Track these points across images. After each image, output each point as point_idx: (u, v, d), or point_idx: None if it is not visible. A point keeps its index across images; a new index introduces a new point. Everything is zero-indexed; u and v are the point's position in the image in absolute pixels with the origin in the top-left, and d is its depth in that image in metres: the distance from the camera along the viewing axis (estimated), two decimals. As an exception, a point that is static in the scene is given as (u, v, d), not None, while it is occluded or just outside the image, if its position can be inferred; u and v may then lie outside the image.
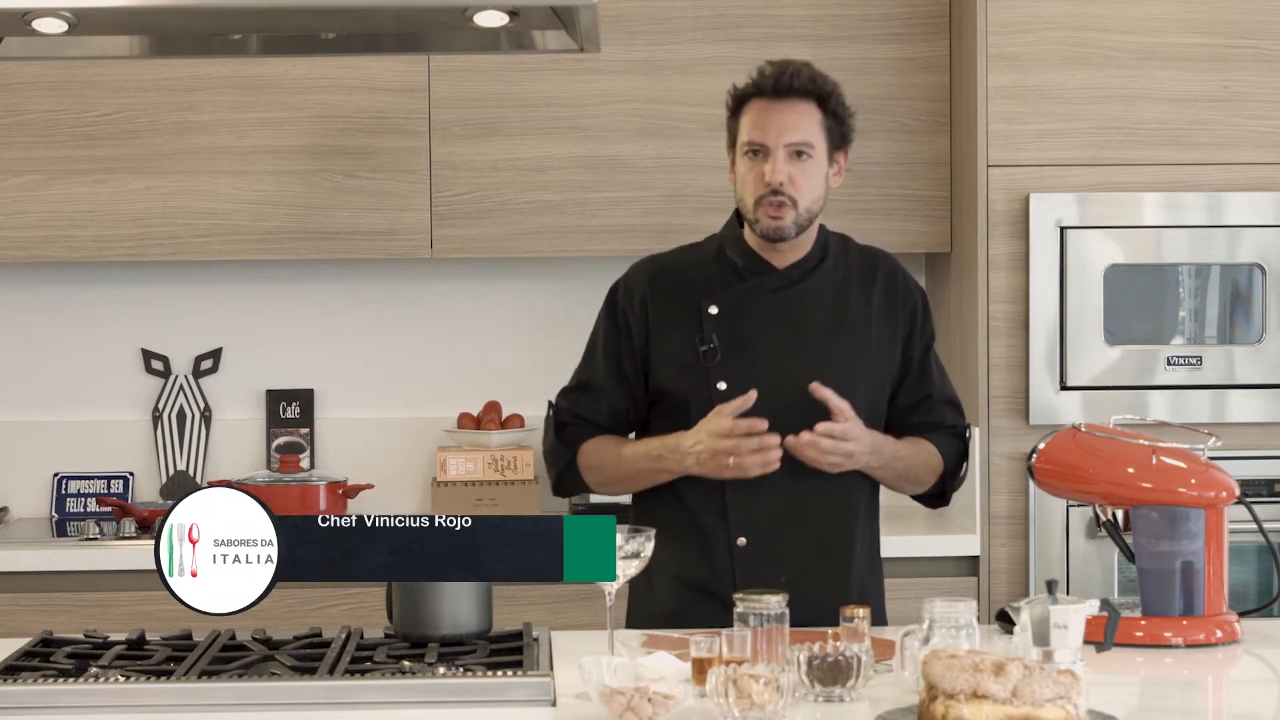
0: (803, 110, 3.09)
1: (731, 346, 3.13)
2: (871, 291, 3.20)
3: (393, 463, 4.54)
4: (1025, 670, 2.28)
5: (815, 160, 3.09)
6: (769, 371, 3.10)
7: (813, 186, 3.10)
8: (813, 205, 3.11)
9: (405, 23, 3.09)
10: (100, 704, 2.52)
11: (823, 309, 3.16)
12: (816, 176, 3.10)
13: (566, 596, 3.91)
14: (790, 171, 3.07)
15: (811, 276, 3.18)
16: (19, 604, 3.94)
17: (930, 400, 3.22)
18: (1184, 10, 4.03)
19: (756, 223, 3.11)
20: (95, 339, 4.56)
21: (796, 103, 3.09)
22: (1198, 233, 4.03)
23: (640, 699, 2.39)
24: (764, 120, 3.09)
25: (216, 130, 4.22)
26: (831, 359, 3.13)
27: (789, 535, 3.11)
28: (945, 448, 3.22)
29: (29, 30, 2.90)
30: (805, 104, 3.09)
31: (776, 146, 3.07)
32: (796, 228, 3.10)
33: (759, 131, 3.08)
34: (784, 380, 3.09)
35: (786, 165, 3.07)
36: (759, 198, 3.08)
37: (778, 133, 3.07)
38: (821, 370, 3.10)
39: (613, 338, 3.22)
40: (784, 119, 3.08)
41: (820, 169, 3.11)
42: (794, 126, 3.08)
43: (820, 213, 3.16)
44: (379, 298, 4.58)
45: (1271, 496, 4.00)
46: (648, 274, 3.23)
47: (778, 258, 3.17)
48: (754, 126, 3.09)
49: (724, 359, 3.12)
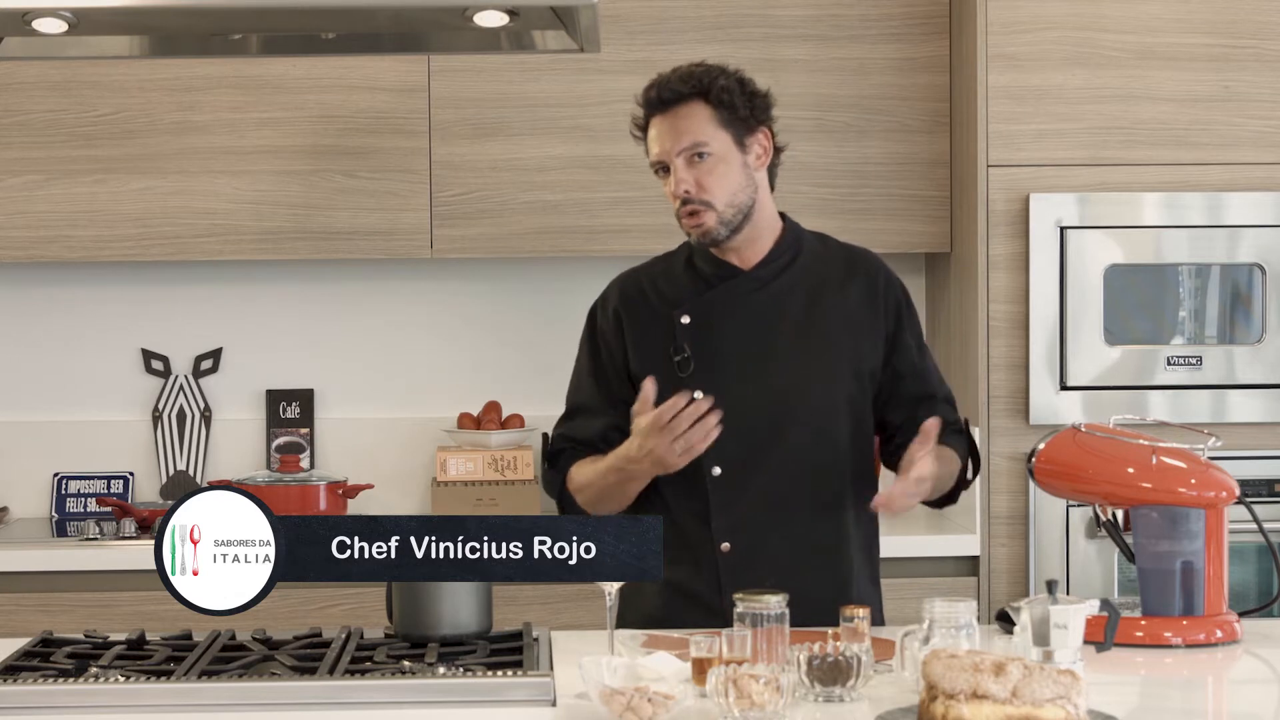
0: (687, 113, 3.07)
1: (704, 354, 3.12)
2: (850, 289, 3.16)
3: (393, 463, 4.54)
4: (1025, 670, 2.28)
5: (717, 155, 3.06)
6: (743, 376, 3.09)
7: (724, 183, 3.06)
8: (734, 199, 3.07)
9: (405, 23, 3.09)
10: (100, 704, 2.52)
11: (795, 309, 3.14)
12: (724, 171, 3.06)
13: (566, 596, 3.91)
14: (693, 177, 3.06)
15: (782, 276, 3.15)
16: (19, 604, 3.94)
17: (935, 399, 3.20)
18: (1184, 10, 4.03)
19: (688, 234, 3.12)
20: (95, 339, 4.56)
21: (680, 108, 3.07)
22: (1198, 233, 4.03)
23: (640, 699, 2.39)
24: (658, 135, 3.10)
25: (216, 130, 4.22)
26: (806, 360, 3.11)
27: (774, 539, 3.09)
28: (959, 448, 3.20)
29: (29, 30, 2.90)
30: (689, 105, 3.07)
31: (671, 157, 3.07)
32: (726, 227, 3.08)
33: (655, 147, 3.10)
34: (759, 383, 3.08)
35: (688, 172, 3.05)
36: (677, 210, 3.09)
37: (666, 145, 3.08)
38: (797, 371, 3.09)
39: (595, 359, 3.22)
40: (672, 126, 3.07)
41: (727, 163, 3.07)
42: (680, 131, 3.06)
43: (752, 202, 3.10)
44: (379, 298, 4.58)
45: (1271, 496, 4.00)
46: (619, 289, 3.23)
47: (738, 258, 3.15)
48: (652, 143, 3.11)
49: (697, 367, 3.11)
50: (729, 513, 3.09)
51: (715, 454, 3.05)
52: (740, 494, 3.09)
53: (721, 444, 3.04)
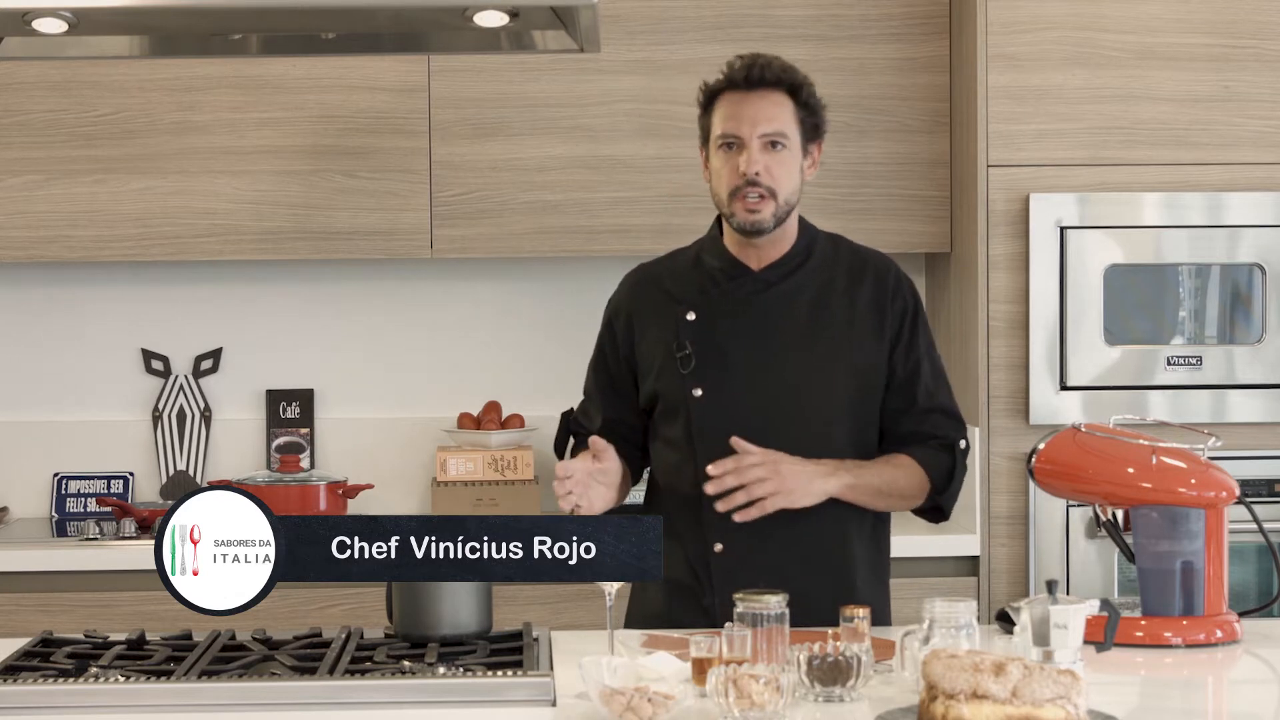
0: (776, 101, 3.07)
1: (707, 352, 3.11)
2: (858, 291, 3.15)
3: (393, 463, 4.54)
4: (1025, 670, 2.28)
5: (790, 151, 3.07)
6: (744, 376, 3.09)
7: (789, 177, 3.07)
8: (790, 197, 3.08)
9: (405, 23, 3.09)
10: (100, 704, 2.52)
11: (801, 311, 3.13)
12: (792, 167, 3.07)
13: (566, 596, 3.91)
14: (766, 162, 3.04)
15: (791, 278, 3.14)
16: (19, 604, 3.94)
17: (917, 408, 3.14)
18: (1184, 10, 4.03)
19: (732, 216, 3.08)
20: (95, 339, 4.56)
21: (769, 93, 3.07)
22: (1198, 233, 4.03)
23: (640, 699, 2.39)
24: (737, 111, 3.06)
25: (216, 130, 4.22)
26: (808, 362, 3.10)
27: (768, 541, 3.06)
28: (932, 463, 3.13)
29: (29, 30, 2.90)
30: (778, 94, 3.07)
31: (751, 137, 3.04)
32: (775, 220, 3.07)
33: (733, 123, 3.06)
34: (760, 384, 3.08)
35: (762, 156, 3.04)
36: (735, 189, 3.05)
37: (751, 123, 3.05)
38: (798, 373, 3.09)
39: (603, 351, 3.24)
40: (757, 109, 3.06)
41: (795, 160, 3.08)
42: (768, 117, 3.05)
43: (797, 205, 3.12)
44: (379, 298, 4.58)
45: (1271, 496, 4.00)
46: (630, 284, 3.25)
47: (755, 257, 3.14)
48: (728, 119, 3.06)
49: (699, 365, 3.11)
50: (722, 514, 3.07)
51: (710, 453, 3.05)
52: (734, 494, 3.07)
53: (717, 443, 3.03)
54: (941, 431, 3.15)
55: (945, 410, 3.18)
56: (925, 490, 3.14)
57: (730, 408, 3.05)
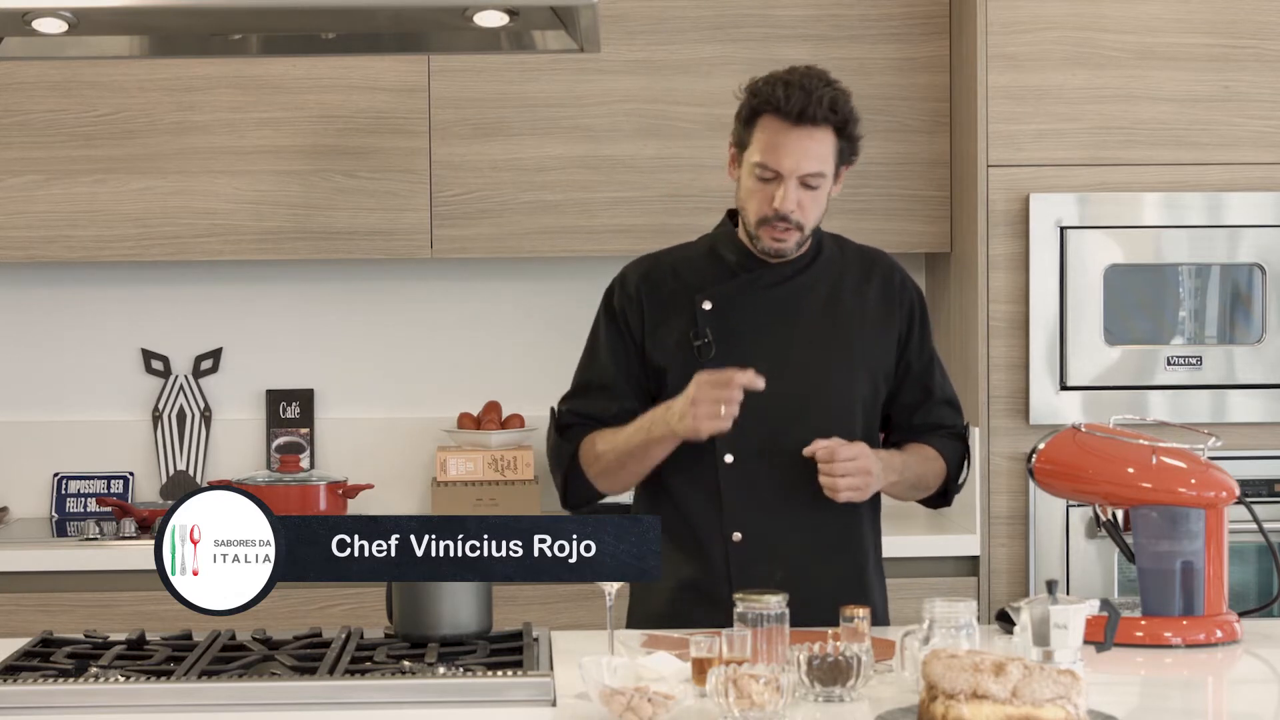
0: (820, 139, 3.03)
1: (725, 341, 3.12)
2: (867, 289, 3.19)
3: (393, 463, 4.54)
4: (1025, 670, 2.28)
5: (824, 185, 3.07)
6: (762, 366, 3.09)
7: (818, 208, 3.09)
8: (816, 223, 3.12)
9: (405, 23, 3.09)
10: (100, 704, 2.52)
11: (816, 304, 3.16)
12: (822, 199, 3.09)
13: (566, 596, 3.91)
14: (800, 198, 3.04)
15: (805, 273, 3.17)
16: (19, 604, 3.94)
17: (932, 400, 3.22)
18: (1184, 10, 4.03)
19: (758, 239, 3.10)
20: (95, 339, 4.56)
21: (815, 131, 3.02)
22: (1198, 233, 4.03)
23: (640, 699, 2.39)
24: (780, 144, 3.02)
25: (216, 130, 4.22)
26: (824, 354, 3.13)
27: (786, 530, 3.09)
28: (947, 450, 3.22)
29: (29, 30, 2.90)
30: (824, 132, 3.03)
31: (791, 175, 3.02)
32: (798, 246, 3.12)
33: (773, 156, 3.02)
34: (777, 374, 3.08)
35: (797, 193, 3.04)
36: (764, 219, 3.06)
37: (794, 163, 3.02)
38: (814, 364, 3.11)
39: (615, 337, 3.20)
40: (802, 148, 3.02)
41: (826, 191, 3.09)
42: (811, 156, 3.02)
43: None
44: (379, 298, 4.58)
45: (1271, 496, 4.00)
46: (641, 272, 3.22)
47: None
48: (769, 149, 3.02)
49: (718, 354, 3.11)
50: (741, 502, 3.10)
51: (728, 441, 3.06)
52: (752, 483, 3.09)
53: (736, 431, 3.04)
54: (950, 421, 3.24)
55: (952, 402, 3.27)
56: (942, 478, 3.22)
57: (749, 397, 3.05)
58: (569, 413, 3.22)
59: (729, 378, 2.96)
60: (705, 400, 2.96)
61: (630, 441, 3.11)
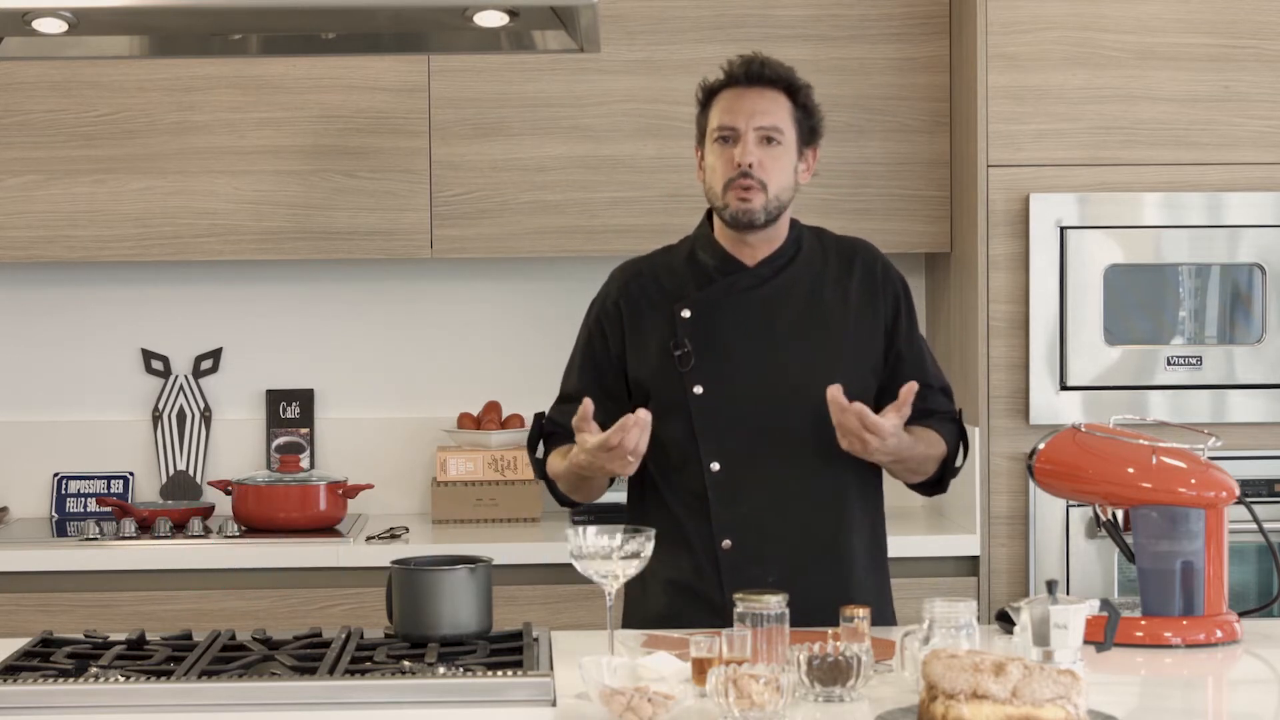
0: (773, 98, 3.12)
1: (705, 349, 3.12)
2: (849, 282, 3.19)
3: (393, 463, 4.54)
4: (1025, 670, 2.28)
5: (785, 148, 3.11)
6: (744, 371, 3.10)
7: (782, 173, 3.11)
8: (781, 193, 3.11)
9: (405, 23, 3.09)
10: (100, 704, 2.52)
11: (797, 304, 3.16)
12: (785, 164, 3.11)
13: (566, 596, 3.91)
14: (760, 156, 3.08)
15: (784, 272, 3.17)
16: (19, 604, 3.94)
17: (928, 388, 3.20)
18: (1184, 10, 4.03)
19: (725, 208, 3.11)
20: (95, 339, 4.56)
21: (767, 90, 3.12)
22: (1198, 233, 4.03)
23: (640, 699, 2.39)
24: (735, 105, 3.12)
25: (216, 130, 4.23)
26: (808, 354, 3.13)
27: (776, 535, 3.09)
28: (945, 433, 3.21)
29: (29, 30, 2.90)
30: (775, 92, 3.13)
31: (747, 130, 3.09)
32: (765, 214, 3.10)
33: (729, 115, 3.11)
34: (760, 378, 3.09)
35: (757, 149, 3.09)
36: (728, 180, 3.09)
37: (748, 116, 3.10)
38: (799, 366, 3.10)
39: (591, 348, 3.23)
40: (754, 104, 3.11)
41: (789, 158, 3.12)
42: (764, 110, 3.10)
43: (789, 204, 3.15)
44: (379, 298, 4.58)
45: (1271, 496, 4.00)
46: (621, 281, 3.24)
47: (749, 254, 3.17)
48: (724, 112, 3.12)
49: (698, 362, 3.11)
50: (729, 509, 3.09)
51: (714, 450, 3.06)
52: (740, 490, 3.09)
53: (721, 439, 3.05)
54: (945, 407, 3.24)
55: (945, 389, 3.27)
56: (940, 461, 3.21)
57: (732, 403, 3.05)
58: (549, 420, 3.26)
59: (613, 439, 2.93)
60: (612, 459, 2.96)
61: (570, 475, 3.14)
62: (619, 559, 2.70)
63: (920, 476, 3.21)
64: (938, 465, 3.21)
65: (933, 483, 3.25)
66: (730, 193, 3.09)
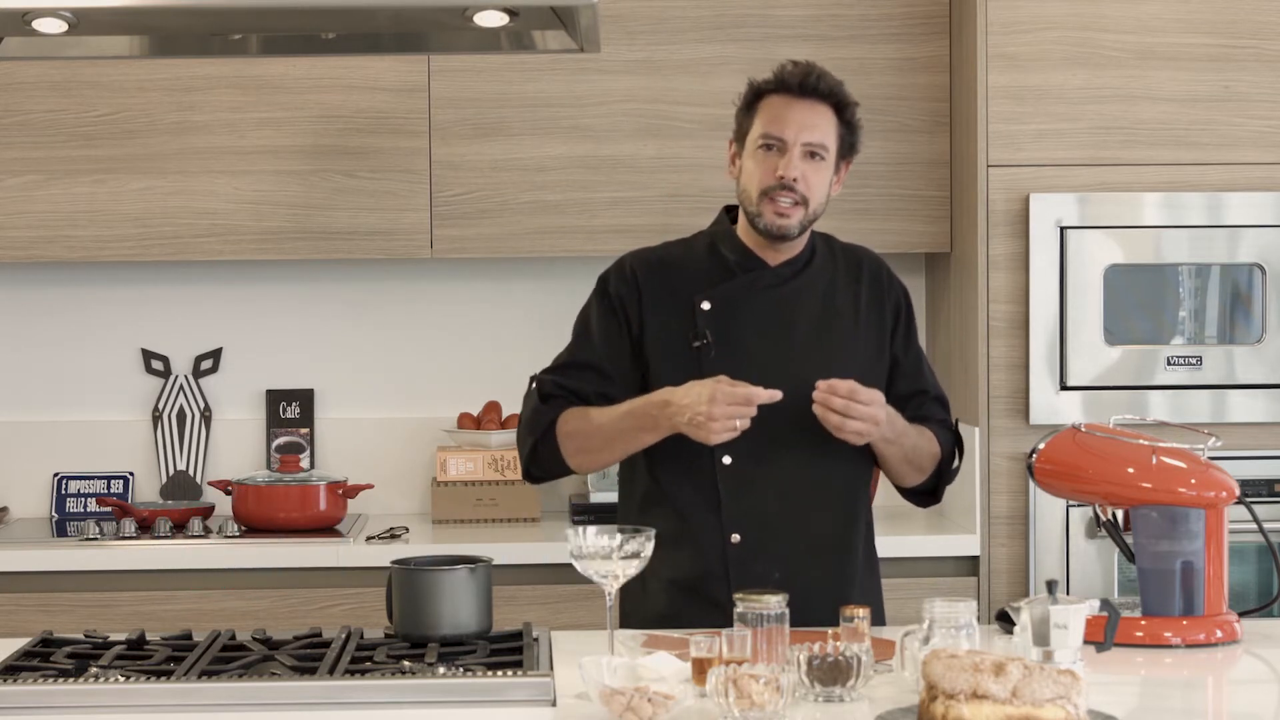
0: (822, 113, 3.10)
1: (724, 341, 3.12)
2: (858, 288, 3.21)
3: (393, 463, 4.54)
4: (1025, 670, 2.28)
5: (826, 164, 3.11)
6: (761, 367, 3.10)
7: (821, 188, 3.11)
8: (818, 208, 3.13)
9: (405, 23, 3.09)
10: (100, 704, 2.52)
11: (812, 306, 3.17)
12: (825, 178, 3.12)
13: (566, 596, 3.91)
14: (803, 169, 3.08)
15: (802, 275, 3.19)
16: (19, 604, 3.94)
17: (925, 395, 3.23)
18: (1184, 10, 4.03)
19: (759, 216, 3.10)
20: (95, 339, 4.56)
21: (817, 104, 3.10)
22: (1198, 233, 4.03)
23: (640, 699, 2.39)
24: (784, 114, 3.09)
25: (216, 130, 4.22)
26: (822, 355, 3.13)
27: (784, 531, 3.10)
28: (941, 437, 3.22)
29: (29, 30, 2.89)
30: (825, 107, 3.10)
31: (795, 143, 3.07)
32: (800, 227, 3.11)
33: (778, 125, 3.09)
34: (776, 376, 3.08)
35: (801, 163, 3.08)
36: (767, 189, 3.08)
37: (797, 129, 3.08)
38: (812, 366, 3.10)
39: (607, 323, 3.20)
40: (804, 117, 3.09)
41: (829, 174, 3.12)
42: (813, 125, 3.09)
43: (821, 217, 3.16)
44: (379, 298, 4.58)
45: (1271, 496, 4.00)
46: (639, 265, 3.22)
47: (772, 254, 3.17)
48: (773, 120, 3.09)
49: (718, 354, 3.12)
50: (739, 503, 3.10)
51: (727, 444, 3.06)
52: (751, 484, 3.09)
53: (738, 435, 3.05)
54: (941, 415, 3.26)
55: (942, 399, 3.28)
56: (936, 462, 3.21)
57: None
58: (553, 383, 3.22)
59: (748, 395, 2.96)
60: (722, 416, 2.96)
61: (618, 425, 3.11)
62: (619, 559, 2.70)
63: (919, 474, 3.21)
64: (934, 465, 3.21)
65: (928, 490, 3.26)
66: (767, 204, 3.09)
